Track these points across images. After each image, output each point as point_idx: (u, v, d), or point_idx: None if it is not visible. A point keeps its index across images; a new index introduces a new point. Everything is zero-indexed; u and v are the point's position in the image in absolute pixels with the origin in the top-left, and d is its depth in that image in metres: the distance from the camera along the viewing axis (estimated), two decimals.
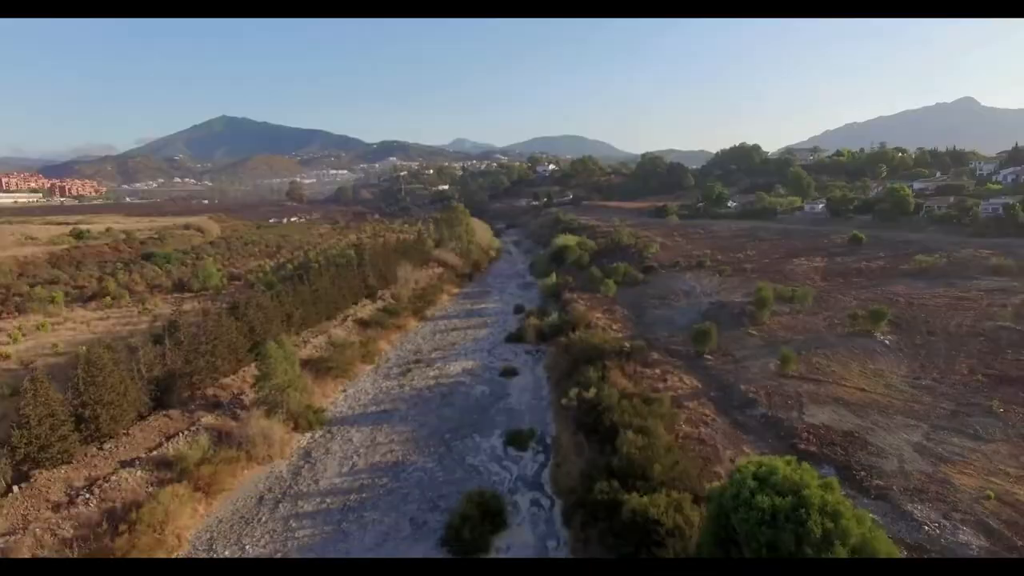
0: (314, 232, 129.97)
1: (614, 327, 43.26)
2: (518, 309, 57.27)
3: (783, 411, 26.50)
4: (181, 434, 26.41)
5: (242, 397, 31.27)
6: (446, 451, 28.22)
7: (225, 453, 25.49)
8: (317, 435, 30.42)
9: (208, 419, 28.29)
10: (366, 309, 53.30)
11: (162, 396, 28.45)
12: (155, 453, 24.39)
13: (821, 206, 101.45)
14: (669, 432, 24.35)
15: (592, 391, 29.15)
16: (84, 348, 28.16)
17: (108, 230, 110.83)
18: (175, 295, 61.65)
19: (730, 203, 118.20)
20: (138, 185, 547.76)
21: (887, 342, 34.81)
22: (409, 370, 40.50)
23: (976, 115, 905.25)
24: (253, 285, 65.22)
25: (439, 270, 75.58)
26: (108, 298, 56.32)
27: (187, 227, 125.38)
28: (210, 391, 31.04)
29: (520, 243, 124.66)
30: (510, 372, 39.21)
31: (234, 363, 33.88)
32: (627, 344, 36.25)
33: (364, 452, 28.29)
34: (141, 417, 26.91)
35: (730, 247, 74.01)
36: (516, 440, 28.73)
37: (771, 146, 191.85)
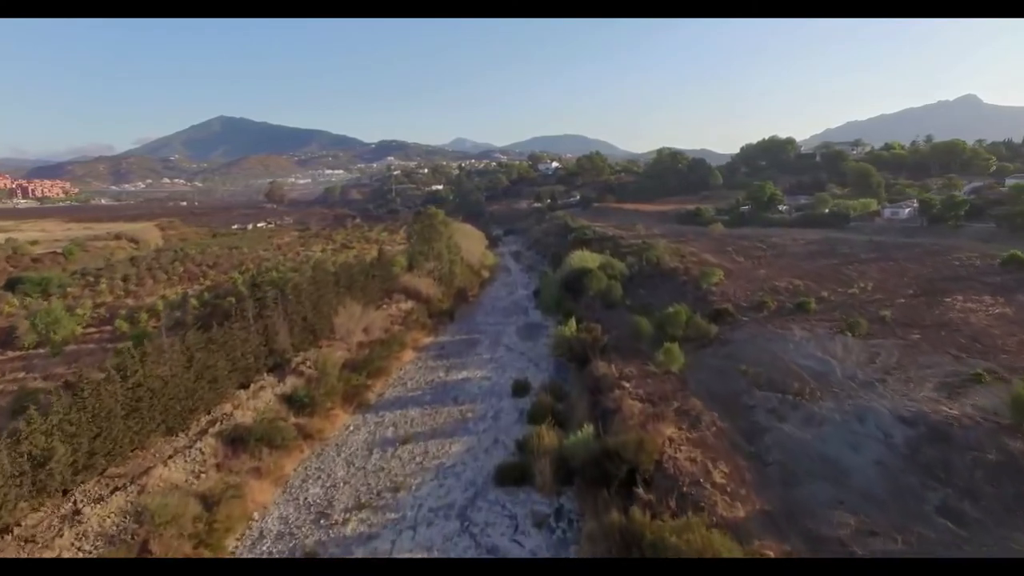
0: (274, 242, 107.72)
1: (715, 478, 21.05)
2: (519, 388, 35.11)
3: None
4: None
5: None
6: None
7: None
8: None
9: None
10: (260, 398, 31.17)
11: None
12: None
13: (908, 211, 79.17)
14: None
15: None
16: None
17: (8, 241, 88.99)
18: None
19: (781, 206, 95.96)
20: (126, 186, 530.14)
21: None
22: None
23: (979, 113, 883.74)
24: (123, 335, 43.64)
25: (407, 305, 53.48)
26: None
27: (118, 237, 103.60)
28: None
29: (520, 255, 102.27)
30: None
31: None
32: None
33: None
34: None
35: (823, 273, 51.68)
36: None
37: None
